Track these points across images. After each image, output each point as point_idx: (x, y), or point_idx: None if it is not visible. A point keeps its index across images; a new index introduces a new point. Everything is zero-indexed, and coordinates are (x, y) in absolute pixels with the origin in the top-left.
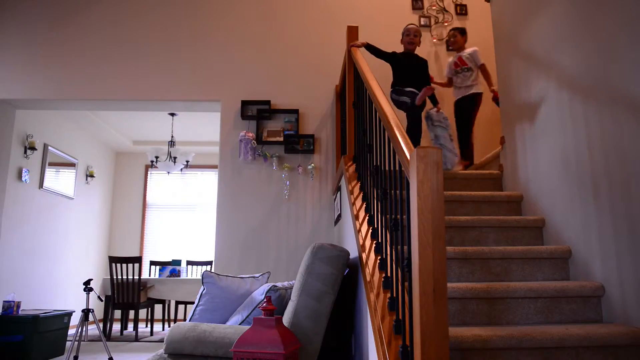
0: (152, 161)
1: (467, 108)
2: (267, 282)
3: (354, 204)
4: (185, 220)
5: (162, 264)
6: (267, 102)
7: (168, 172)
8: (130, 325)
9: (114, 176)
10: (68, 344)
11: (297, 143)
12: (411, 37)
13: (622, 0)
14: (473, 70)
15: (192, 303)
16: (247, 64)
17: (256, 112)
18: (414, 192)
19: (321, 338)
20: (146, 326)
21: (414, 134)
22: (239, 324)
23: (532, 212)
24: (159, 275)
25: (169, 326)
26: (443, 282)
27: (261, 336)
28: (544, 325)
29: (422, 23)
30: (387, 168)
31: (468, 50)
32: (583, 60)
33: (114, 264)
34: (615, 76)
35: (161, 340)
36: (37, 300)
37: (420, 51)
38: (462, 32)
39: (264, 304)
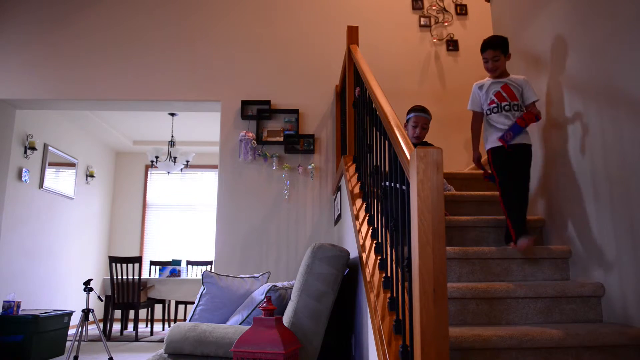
0: (152, 161)
1: (519, 162)
2: (267, 282)
3: (354, 204)
4: (185, 220)
5: (162, 264)
6: (267, 102)
7: (168, 172)
8: (130, 325)
9: (114, 176)
10: (68, 344)
11: (297, 143)
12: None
13: (622, 0)
14: (523, 110)
15: (192, 303)
16: (247, 64)
17: (256, 112)
18: (414, 192)
19: (321, 338)
20: (146, 326)
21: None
22: (239, 324)
23: (532, 212)
24: (159, 275)
25: (169, 326)
26: (443, 282)
27: (261, 336)
28: (544, 325)
29: (422, 23)
30: (387, 168)
31: (516, 77)
32: (583, 60)
33: (114, 264)
34: (615, 76)
35: (161, 340)
36: (37, 300)
37: (420, 51)
38: (505, 48)
39: (264, 304)
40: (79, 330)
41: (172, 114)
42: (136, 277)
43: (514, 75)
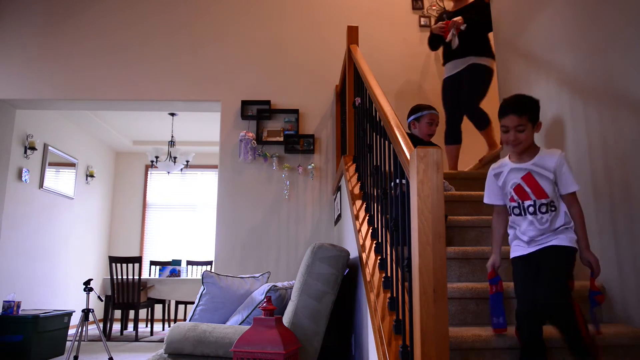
0: (152, 161)
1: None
2: (267, 282)
3: (354, 204)
4: (185, 220)
5: (162, 264)
6: (267, 102)
7: (168, 172)
8: (130, 325)
9: (114, 176)
10: (68, 344)
11: (297, 143)
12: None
13: (622, 0)
14: (557, 209)
15: (192, 303)
16: (247, 64)
17: (256, 112)
18: (414, 192)
19: (321, 338)
20: (146, 326)
21: None
22: (239, 324)
23: None
24: (159, 275)
25: (169, 326)
26: (443, 282)
27: (261, 336)
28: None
29: (422, 23)
30: (387, 168)
31: (547, 155)
32: (583, 60)
33: (114, 264)
34: (615, 76)
35: (161, 340)
36: (37, 300)
37: (419, 52)
38: (535, 114)
39: (264, 304)
40: (79, 330)
41: (172, 114)
42: (136, 277)
43: (544, 150)
